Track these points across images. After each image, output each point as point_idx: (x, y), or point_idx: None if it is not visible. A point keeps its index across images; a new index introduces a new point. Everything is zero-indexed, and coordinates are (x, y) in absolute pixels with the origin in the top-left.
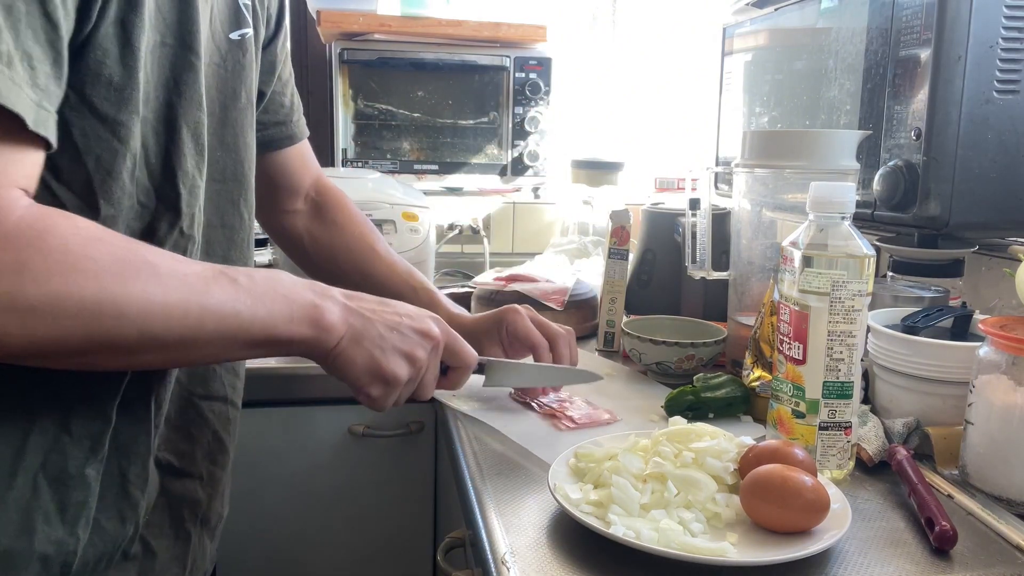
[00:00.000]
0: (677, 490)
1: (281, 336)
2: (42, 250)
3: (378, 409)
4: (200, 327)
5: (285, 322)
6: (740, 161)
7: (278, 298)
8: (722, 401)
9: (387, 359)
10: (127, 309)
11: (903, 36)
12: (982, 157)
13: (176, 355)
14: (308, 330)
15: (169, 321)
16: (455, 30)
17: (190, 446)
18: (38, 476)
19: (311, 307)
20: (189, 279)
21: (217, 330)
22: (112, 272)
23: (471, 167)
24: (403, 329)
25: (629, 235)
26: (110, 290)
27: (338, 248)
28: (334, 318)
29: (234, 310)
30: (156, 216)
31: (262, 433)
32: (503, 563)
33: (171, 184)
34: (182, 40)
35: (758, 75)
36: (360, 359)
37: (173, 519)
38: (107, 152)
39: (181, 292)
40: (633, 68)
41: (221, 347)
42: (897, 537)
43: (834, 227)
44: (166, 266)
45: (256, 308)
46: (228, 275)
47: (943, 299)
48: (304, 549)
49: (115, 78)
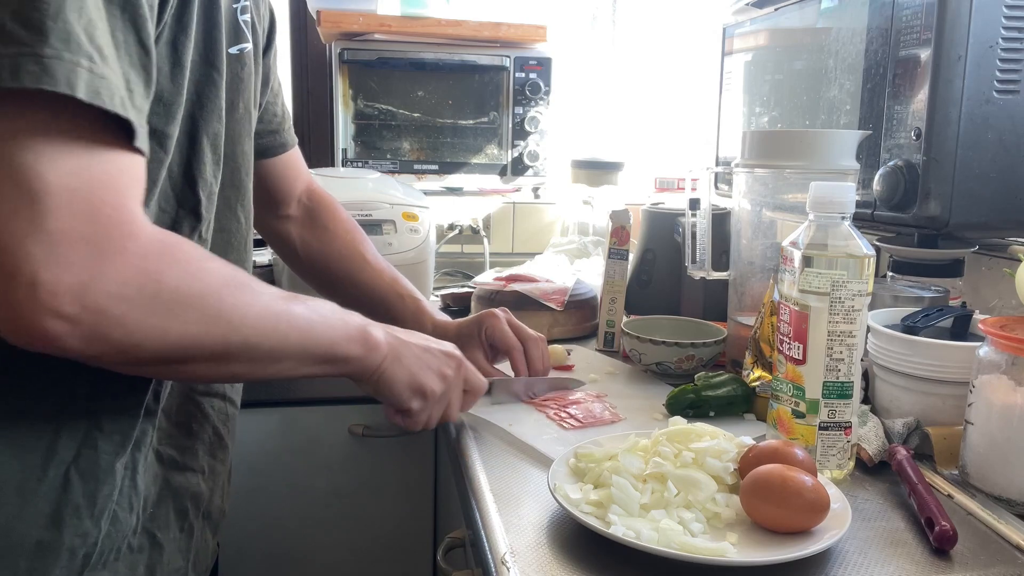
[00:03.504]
0: (677, 490)
1: (340, 353)
2: (175, 261)
3: (413, 427)
4: (287, 339)
5: (344, 340)
6: (740, 161)
7: (336, 319)
8: (723, 400)
9: (424, 375)
10: (234, 317)
11: (903, 36)
12: (982, 157)
13: (262, 366)
14: (360, 349)
15: (265, 331)
16: (455, 30)
17: (191, 441)
18: (70, 470)
19: (362, 328)
20: (275, 298)
21: (299, 343)
22: (225, 284)
23: (471, 167)
24: (432, 350)
25: (629, 235)
26: (225, 300)
27: (330, 255)
28: (379, 339)
29: (309, 325)
30: (177, 221)
31: (262, 433)
32: (503, 563)
33: (192, 191)
34: (207, 58)
35: (758, 75)
36: (401, 375)
37: (178, 512)
38: (155, 164)
39: (273, 307)
40: (633, 68)
41: (298, 360)
42: (897, 537)
43: (834, 227)
44: (258, 285)
45: (324, 325)
46: (297, 298)
47: (943, 299)
48: (304, 549)
49: (165, 94)
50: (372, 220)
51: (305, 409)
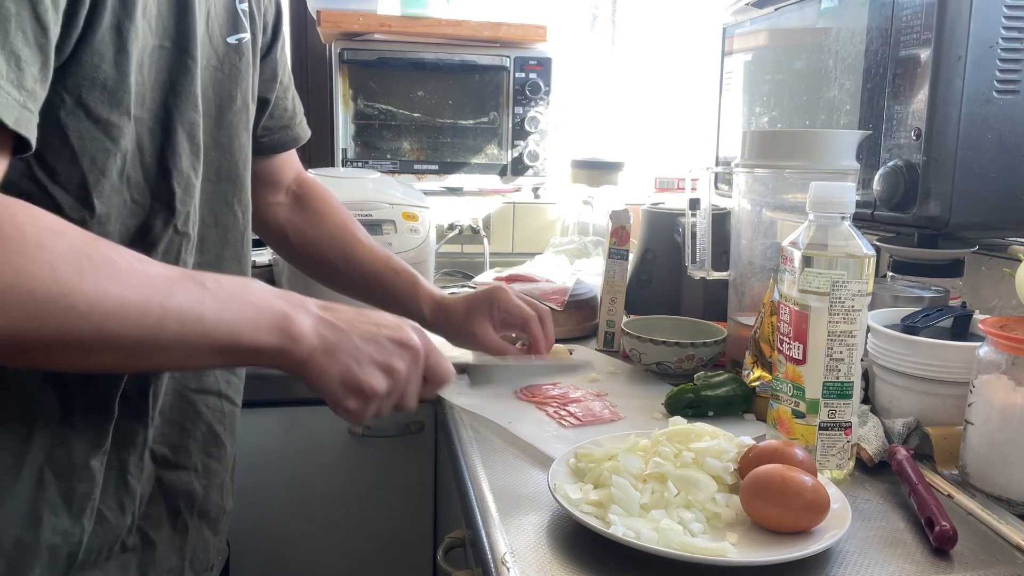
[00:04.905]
0: (677, 490)
1: (246, 343)
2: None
3: (356, 422)
4: (160, 329)
5: (251, 329)
6: (740, 161)
7: (246, 304)
8: (722, 399)
9: (363, 371)
10: (80, 304)
11: (903, 36)
12: (982, 157)
13: (135, 358)
14: (276, 339)
15: (126, 320)
16: (455, 30)
17: (183, 439)
18: (44, 468)
19: (280, 316)
20: (152, 279)
21: (179, 333)
22: (67, 265)
23: (471, 167)
24: (380, 340)
25: (629, 235)
26: (63, 283)
27: (321, 235)
28: (304, 328)
29: (197, 313)
30: (151, 214)
31: (262, 433)
32: (503, 563)
33: (166, 183)
34: (179, 44)
35: (758, 75)
36: (335, 371)
37: (170, 511)
38: (100, 153)
39: (141, 291)
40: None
41: (183, 352)
42: (897, 537)
43: (834, 227)
44: (127, 264)
45: (221, 313)
46: (195, 279)
47: (943, 299)
48: (304, 549)
49: (109, 81)
50: (372, 220)
51: (305, 409)
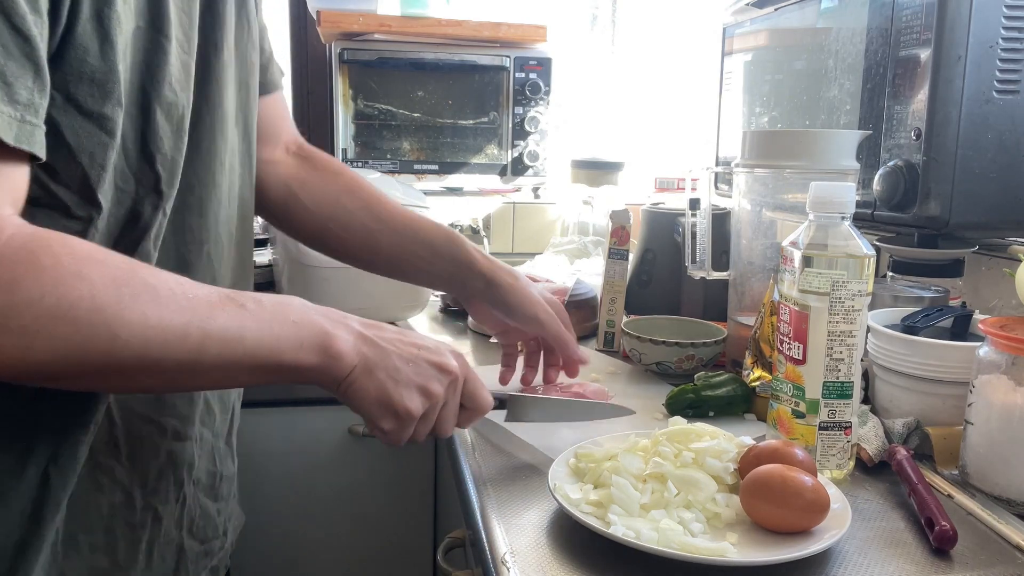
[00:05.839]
0: (677, 490)
1: (288, 362)
2: (35, 267)
3: (393, 444)
4: (201, 352)
5: (293, 349)
6: (740, 161)
7: (287, 324)
8: (723, 400)
9: (400, 392)
10: (121, 330)
11: (903, 36)
12: (982, 157)
13: (178, 380)
14: (317, 358)
15: (167, 344)
16: (455, 30)
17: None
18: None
19: (322, 334)
20: (192, 303)
21: (220, 355)
22: (107, 293)
23: (471, 167)
24: (419, 362)
25: (629, 235)
26: (104, 311)
27: (341, 189)
28: (346, 346)
29: (239, 335)
30: (137, 200)
31: (262, 433)
32: (503, 563)
33: (151, 167)
34: (153, 22)
35: (758, 75)
36: (372, 390)
37: (176, 482)
38: (98, 148)
39: (181, 315)
40: (633, 68)
41: (225, 373)
42: (897, 537)
43: (834, 227)
44: (166, 289)
45: (263, 333)
46: (235, 300)
47: (943, 299)
48: (304, 549)
49: (97, 74)
50: None
51: (305, 409)
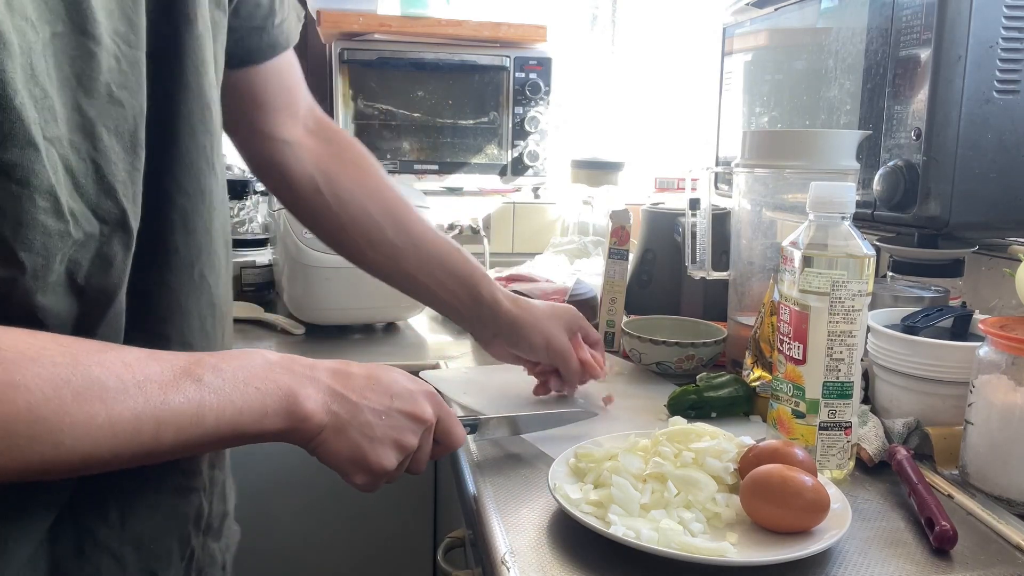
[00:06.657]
0: (677, 490)
1: (252, 433)
2: None
3: (366, 491)
4: (157, 440)
5: (257, 419)
6: (740, 161)
7: (249, 391)
8: (725, 400)
9: (375, 450)
10: (65, 437)
11: (903, 36)
12: (982, 157)
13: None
14: (284, 422)
15: (117, 440)
16: (455, 30)
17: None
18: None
19: (287, 396)
20: (142, 388)
21: (178, 439)
22: (47, 401)
23: (471, 167)
24: (392, 414)
25: (629, 235)
26: (46, 420)
27: (368, 193)
28: (314, 406)
29: (196, 417)
30: (103, 242)
31: None
32: (503, 563)
33: (113, 200)
34: (74, 23)
35: (758, 75)
36: (344, 450)
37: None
38: (9, 200)
39: (132, 407)
40: (633, 68)
41: (185, 450)
42: (897, 537)
43: (834, 227)
44: (113, 376)
45: (223, 409)
46: (192, 373)
47: (943, 299)
48: (304, 549)
49: None
50: None
51: None
